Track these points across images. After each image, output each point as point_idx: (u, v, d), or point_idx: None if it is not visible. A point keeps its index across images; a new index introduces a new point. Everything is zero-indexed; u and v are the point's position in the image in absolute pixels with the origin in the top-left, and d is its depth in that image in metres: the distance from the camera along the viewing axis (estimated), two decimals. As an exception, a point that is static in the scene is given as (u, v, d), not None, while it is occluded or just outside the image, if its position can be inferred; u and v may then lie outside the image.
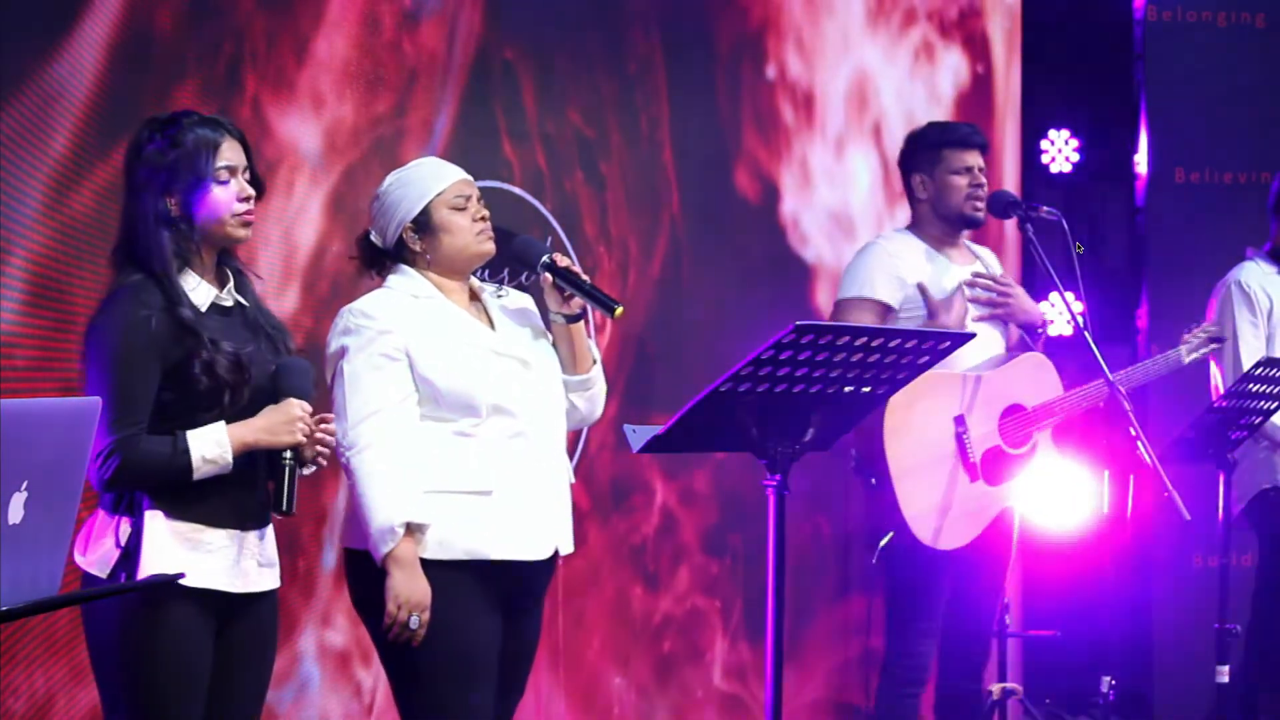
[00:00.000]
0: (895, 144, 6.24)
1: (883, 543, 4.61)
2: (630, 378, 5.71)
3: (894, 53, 6.38)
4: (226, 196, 3.43)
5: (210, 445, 3.34)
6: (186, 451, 3.32)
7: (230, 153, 3.45)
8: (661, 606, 5.79)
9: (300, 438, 3.40)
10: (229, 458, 3.35)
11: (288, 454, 3.40)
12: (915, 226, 4.94)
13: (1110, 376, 4.58)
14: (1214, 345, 5.23)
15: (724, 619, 5.93)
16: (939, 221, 4.90)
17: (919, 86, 6.42)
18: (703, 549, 5.89)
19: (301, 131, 4.90)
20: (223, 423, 3.36)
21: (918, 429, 4.61)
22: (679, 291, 5.88)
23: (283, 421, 3.39)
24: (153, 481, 3.34)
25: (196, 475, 3.33)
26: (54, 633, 4.33)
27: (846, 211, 6.28)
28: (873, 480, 4.60)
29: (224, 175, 3.43)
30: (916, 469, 4.60)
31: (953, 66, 6.46)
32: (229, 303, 3.50)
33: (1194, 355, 5.16)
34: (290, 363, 3.48)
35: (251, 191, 3.48)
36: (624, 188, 5.74)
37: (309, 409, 3.43)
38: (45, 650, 4.34)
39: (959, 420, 4.67)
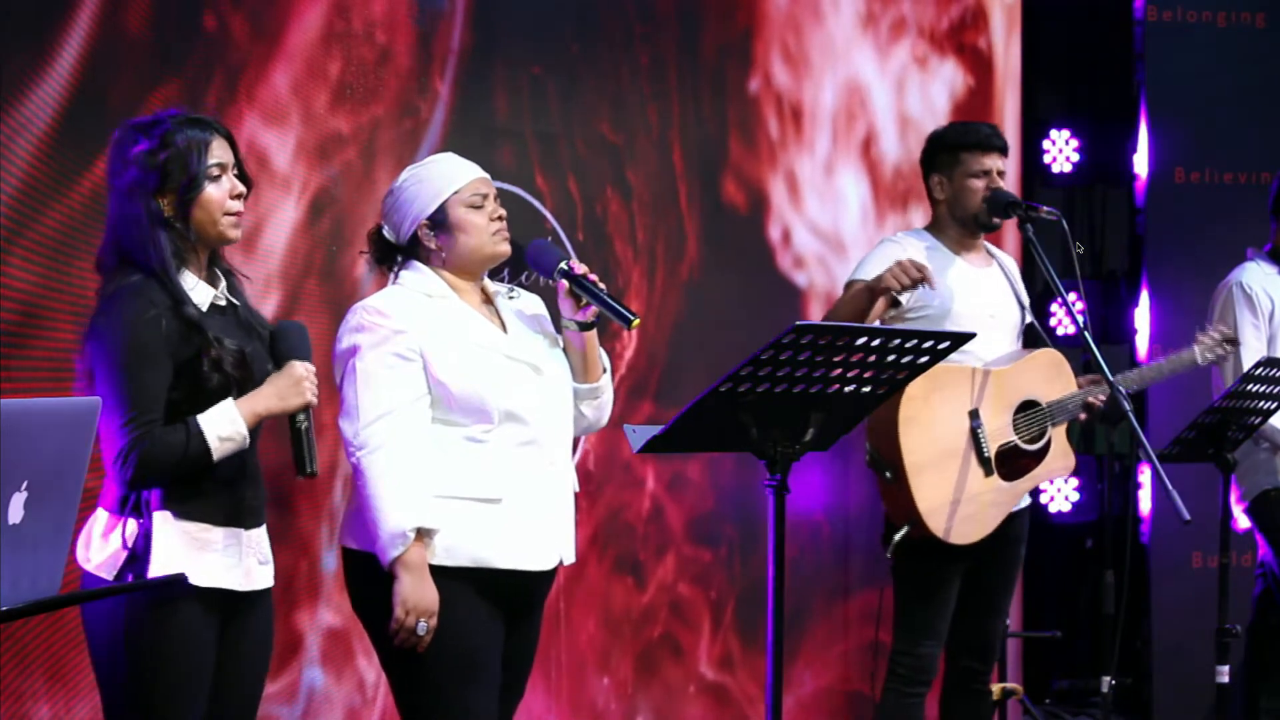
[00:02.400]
0: (888, 154, 6.24)
1: (897, 537, 4.60)
2: (661, 380, 5.70)
3: (886, 64, 6.36)
4: (220, 194, 3.43)
5: (224, 424, 3.34)
6: (201, 434, 3.32)
7: (220, 150, 3.45)
8: (650, 596, 5.78)
9: (310, 398, 3.42)
10: (244, 431, 3.36)
11: (301, 416, 3.41)
12: (933, 226, 4.96)
13: (1111, 377, 4.58)
14: (1229, 347, 5.25)
15: (715, 610, 5.91)
16: (955, 223, 4.91)
17: (913, 96, 6.38)
18: (695, 538, 5.88)
19: (285, 136, 4.89)
20: (230, 399, 3.36)
21: (933, 421, 4.61)
22: (701, 294, 5.88)
23: (289, 385, 3.41)
24: (175, 472, 3.33)
25: (216, 456, 3.34)
26: (54, 637, 4.33)
27: (836, 227, 6.24)
28: (887, 474, 4.60)
29: (215, 172, 3.43)
30: (931, 462, 4.59)
31: (947, 78, 6.44)
32: (223, 302, 3.51)
33: (1209, 357, 5.19)
34: (285, 325, 3.51)
35: (243, 189, 3.48)
36: (639, 187, 5.74)
37: (312, 369, 3.44)
38: (45, 655, 4.34)
39: (974, 414, 4.67)
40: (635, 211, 5.74)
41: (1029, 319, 5.01)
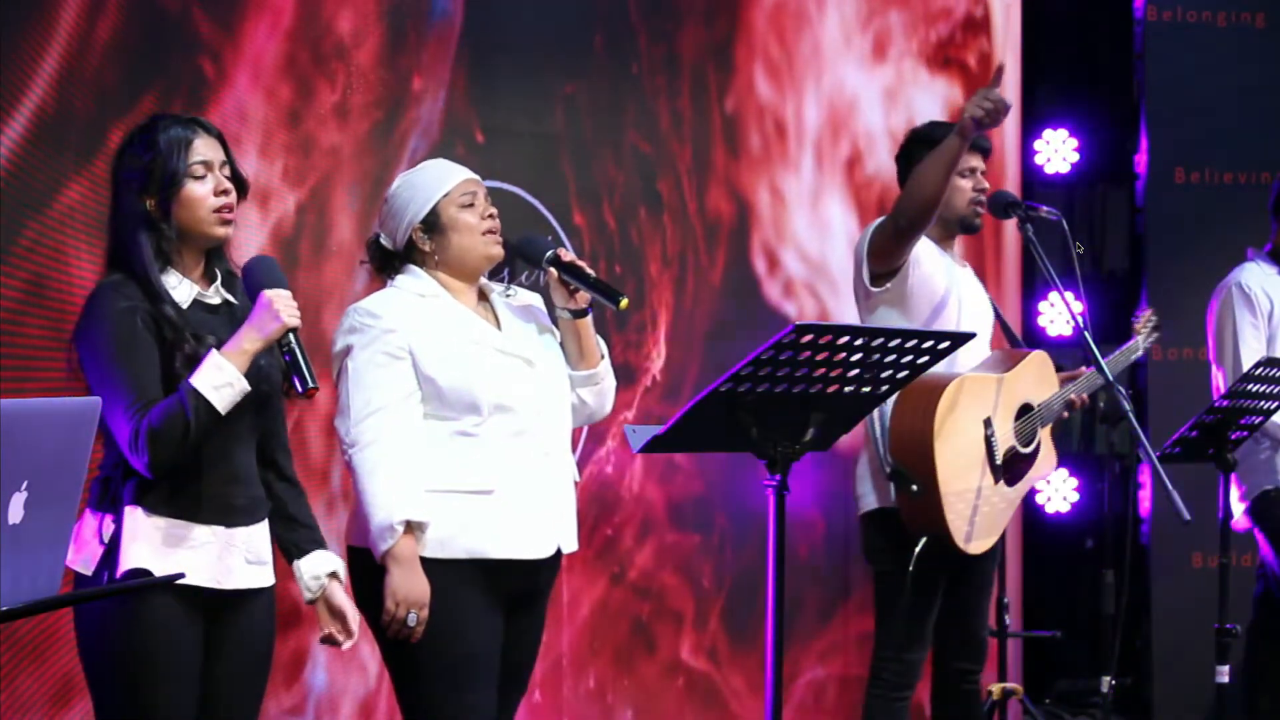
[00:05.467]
0: (883, 164, 6.24)
1: (918, 550, 4.58)
2: (696, 384, 5.70)
3: (877, 77, 6.35)
4: (202, 192, 3.42)
5: (211, 373, 3.32)
6: (195, 391, 3.30)
7: (205, 149, 3.44)
8: (636, 584, 5.76)
9: (289, 319, 3.37)
10: (236, 374, 3.33)
11: (288, 338, 3.39)
12: None
13: (1111, 378, 4.57)
14: (1156, 334, 5.57)
15: (705, 601, 5.91)
16: (937, 223, 4.82)
17: (908, 106, 6.37)
18: (683, 525, 5.87)
19: (268, 147, 4.89)
20: (212, 350, 3.35)
21: (958, 432, 4.57)
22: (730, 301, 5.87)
23: (265, 315, 3.37)
24: (190, 438, 3.30)
25: (222, 407, 3.31)
26: (53, 637, 4.33)
27: (822, 254, 6.24)
28: (914, 488, 4.52)
29: (199, 170, 3.43)
30: (958, 474, 4.56)
31: (941, 92, 6.43)
32: (215, 300, 3.50)
33: (1147, 344, 5.53)
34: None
35: (229, 185, 3.47)
36: (667, 193, 5.74)
37: (285, 293, 3.41)
38: (42, 655, 4.34)
39: (987, 423, 4.66)
40: (666, 223, 5.74)
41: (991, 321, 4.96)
